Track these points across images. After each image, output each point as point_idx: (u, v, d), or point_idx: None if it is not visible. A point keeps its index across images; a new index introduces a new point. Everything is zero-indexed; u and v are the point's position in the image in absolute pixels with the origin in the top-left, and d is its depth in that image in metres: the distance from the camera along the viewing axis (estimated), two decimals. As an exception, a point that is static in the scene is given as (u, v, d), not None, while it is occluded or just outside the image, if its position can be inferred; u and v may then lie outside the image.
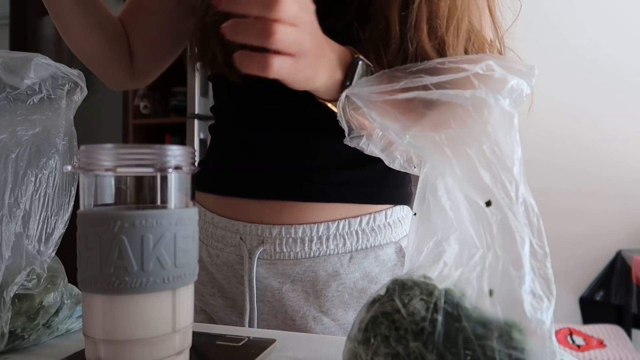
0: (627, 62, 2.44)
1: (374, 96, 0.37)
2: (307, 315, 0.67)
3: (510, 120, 0.35)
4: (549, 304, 0.31)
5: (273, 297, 0.67)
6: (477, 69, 0.35)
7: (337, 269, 0.67)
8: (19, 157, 0.48)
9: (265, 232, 0.67)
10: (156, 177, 0.37)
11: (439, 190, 0.36)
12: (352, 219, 0.67)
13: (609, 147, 2.45)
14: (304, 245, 0.66)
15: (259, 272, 0.67)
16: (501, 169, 0.33)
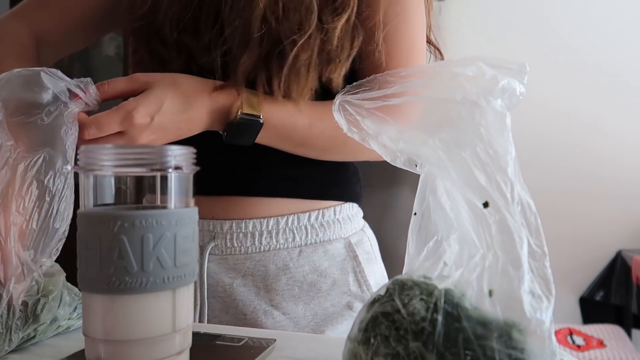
0: (627, 63, 2.44)
1: (367, 103, 0.37)
2: (258, 309, 0.68)
3: (502, 120, 0.35)
4: (548, 304, 0.31)
5: (224, 293, 0.68)
6: (467, 72, 0.35)
7: (287, 263, 0.68)
8: (28, 167, 0.49)
9: (216, 228, 0.68)
10: (156, 177, 0.37)
11: (438, 190, 0.37)
12: (301, 214, 0.69)
13: (609, 147, 2.45)
14: (254, 240, 0.68)
15: (210, 267, 0.68)
16: (496, 170, 0.34)
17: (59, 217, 0.50)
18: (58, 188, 0.50)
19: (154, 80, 0.57)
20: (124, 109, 0.54)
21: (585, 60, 2.45)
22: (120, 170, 0.36)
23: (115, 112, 0.53)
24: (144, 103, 0.54)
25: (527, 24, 2.43)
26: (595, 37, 2.45)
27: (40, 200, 0.48)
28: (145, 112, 0.54)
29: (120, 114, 0.53)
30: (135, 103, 0.54)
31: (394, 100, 0.36)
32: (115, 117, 0.53)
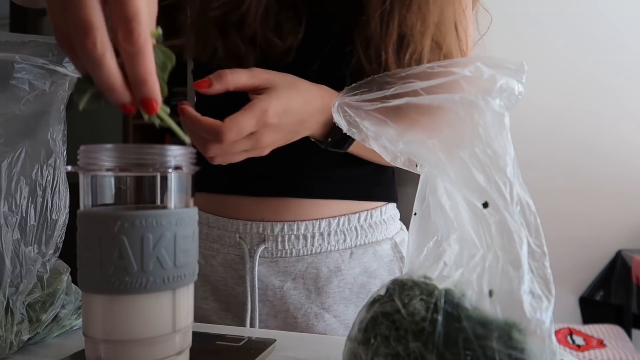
0: (626, 61, 2.44)
1: (366, 105, 0.37)
2: (309, 312, 0.67)
3: (501, 120, 0.35)
4: (548, 304, 0.31)
5: (274, 296, 0.67)
6: (465, 72, 0.35)
7: (339, 265, 0.67)
8: (13, 162, 0.47)
9: (266, 230, 0.66)
10: (156, 177, 0.37)
11: (439, 190, 0.37)
12: (351, 215, 0.68)
13: (609, 147, 2.45)
14: (307, 242, 0.66)
15: (260, 270, 0.67)
16: (494, 170, 0.34)
17: (55, 208, 0.50)
18: (48, 180, 0.49)
19: (276, 79, 0.54)
20: (259, 109, 0.51)
21: (584, 59, 2.45)
22: (120, 170, 0.36)
23: (250, 112, 0.50)
24: (275, 103, 0.52)
25: (526, 23, 2.43)
26: (594, 36, 2.45)
27: (33, 195, 0.48)
28: (275, 112, 0.52)
29: (256, 114, 0.51)
30: (267, 103, 0.51)
31: (393, 102, 0.36)
32: (252, 117, 0.50)
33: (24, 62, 0.48)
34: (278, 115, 0.52)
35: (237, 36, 0.61)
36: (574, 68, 2.45)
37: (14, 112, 0.48)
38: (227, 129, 0.49)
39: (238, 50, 0.62)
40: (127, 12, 0.34)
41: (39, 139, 0.49)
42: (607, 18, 2.45)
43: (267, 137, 0.53)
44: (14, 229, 0.46)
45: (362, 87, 0.38)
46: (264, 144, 0.53)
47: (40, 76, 0.49)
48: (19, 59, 0.47)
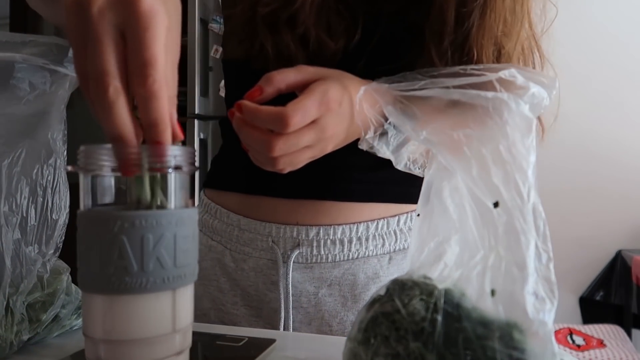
0: (626, 62, 2.44)
1: (394, 91, 0.37)
2: (345, 320, 0.64)
3: (529, 125, 0.35)
4: (551, 306, 0.31)
5: (308, 303, 0.64)
6: (499, 74, 0.35)
7: (377, 271, 0.64)
8: (13, 162, 0.47)
9: (301, 234, 0.63)
10: (156, 176, 0.37)
11: (444, 192, 0.36)
12: (390, 218, 0.65)
13: (609, 148, 2.45)
14: (343, 247, 0.63)
15: (294, 276, 0.64)
16: (516, 168, 0.33)
17: (55, 208, 0.49)
18: (48, 180, 0.49)
19: (324, 71, 0.51)
20: (320, 92, 0.47)
21: (583, 60, 2.45)
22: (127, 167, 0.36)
23: (312, 95, 0.47)
24: (334, 86, 0.48)
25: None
26: (594, 36, 2.45)
27: (33, 194, 0.47)
28: (335, 96, 0.48)
29: (318, 97, 0.47)
30: (327, 86, 0.48)
31: (422, 92, 0.36)
32: (315, 100, 0.46)
33: (25, 62, 0.47)
34: (338, 101, 0.48)
35: (288, 34, 0.58)
36: (573, 70, 2.45)
37: (14, 112, 0.48)
38: (292, 112, 0.45)
39: (288, 50, 0.58)
40: (143, 58, 0.33)
41: (39, 139, 0.49)
42: (606, 20, 2.45)
43: (330, 125, 0.48)
44: (15, 229, 0.46)
45: (393, 80, 0.38)
46: (327, 134, 0.48)
47: (40, 76, 0.49)
48: (20, 58, 0.47)
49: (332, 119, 0.48)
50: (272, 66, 0.58)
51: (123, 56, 0.34)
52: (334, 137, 0.50)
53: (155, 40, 0.34)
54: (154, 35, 0.34)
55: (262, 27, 0.59)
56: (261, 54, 0.60)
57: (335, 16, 0.59)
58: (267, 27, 0.58)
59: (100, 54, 0.33)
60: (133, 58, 0.34)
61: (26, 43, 0.49)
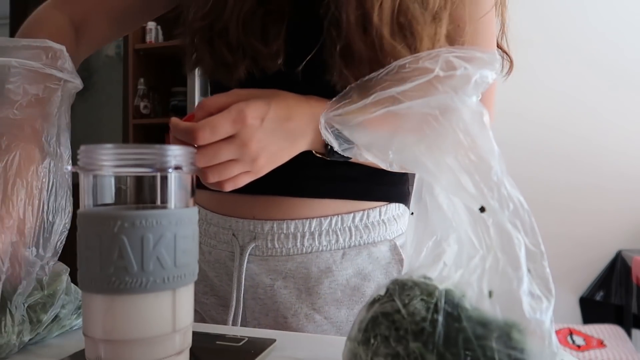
0: (627, 58, 2.44)
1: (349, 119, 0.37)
2: (299, 312, 0.66)
3: (480, 119, 0.34)
4: (548, 304, 0.31)
5: (265, 294, 0.67)
6: (437, 71, 0.34)
7: (330, 266, 0.66)
8: (7, 166, 0.47)
9: (257, 228, 0.66)
10: (156, 177, 0.37)
11: (435, 190, 0.36)
12: (345, 215, 0.67)
13: (609, 148, 2.45)
14: (296, 241, 0.66)
15: (251, 268, 0.67)
16: (480, 177, 0.33)
17: (51, 210, 0.49)
18: (43, 182, 0.49)
19: (256, 93, 0.55)
20: (235, 109, 0.51)
21: (585, 56, 2.45)
22: (120, 170, 0.36)
23: (226, 113, 0.51)
24: (253, 104, 0.52)
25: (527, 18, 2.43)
26: (596, 31, 2.45)
27: (29, 196, 0.48)
28: (256, 113, 0.51)
29: (232, 114, 0.50)
30: (244, 104, 0.51)
31: (374, 113, 0.36)
32: (228, 117, 0.50)
33: (20, 67, 0.48)
34: (258, 117, 0.52)
35: (223, 45, 0.61)
36: (573, 70, 2.45)
37: (8, 115, 0.48)
38: (200, 126, 0.49)
39: (225, 60, 0.61)
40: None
41: (34, 142, 0.49)
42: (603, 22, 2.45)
43: (253, 141, 0.51)
44: (12, 231, 0.46)
45: (344, 99, 0.38)
46: (250, 148, 0.51)
47: (33, 80, 0.49)
48: (15, 63, 0.48)
49: (253, 134, 0.51)
50: (216, 76, 0.63)
51: None
52: (263, 152, 0.53)
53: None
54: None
55: (199, 41, 0.63)
56: (205, 66, 0.64)
57: (263, 22, 0.61)
58: (205, 40, 0.62)
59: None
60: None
61: (19, 47, 0.50)
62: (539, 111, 2.42)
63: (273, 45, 0.61)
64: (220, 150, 0.51)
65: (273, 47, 0.60)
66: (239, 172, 0.53)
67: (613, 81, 2.44)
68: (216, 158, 0.51)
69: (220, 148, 0.51)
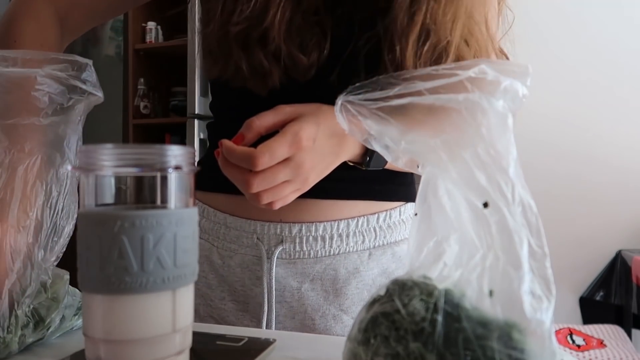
0: (623, 65, 2.44)
1: (369, 103, 0.37)
2: (327, 314, 0.66)
3: (504, 121, 0.35)
4: (548, 304, 0.31)
5: (292, 298, 0.67)
6: (469, 73, 0.35)
7: (357, 266, 0.67)
8: (29, 167, 0.48)
9: (284, 231, 0.66)
10: (156, 177, 0.37)
11: (439, 191, 0.36)
12: (370, 215, 0.68)
13: (608, 150, 2.45)
14: (325, 243, 0.66)
15: (277, 272, 0.66)
16: (497, 170, 0.33)
17: (64, 215, 0.50)
18: (62, 186, 0.50)
19: (301, 109, 0.55)
20: (291, 132, 0.51)
21: (581, 64, 2.45)
22: (120, 170, 0.36)
23: (282, 136, 0.51)
24: (307, 126, 0.52)
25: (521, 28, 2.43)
26: (592, 37, 2.45)
27: (48, 199, 0.48)
28: (309, 135, 0.52)
29: (288, 138, 0.51)
30: (299, 126, 0.52)
31: (396, 101, 0.36)
32: (284, 142, 0.51)
33: (47, 77, 0.50)
34: (311, 138, 0.52)
35: (261, 52, 0.60)
36: (573, 71, 2.45)
37: (34, 122, 0.50)
38: (259, 153, 0.49)
39: (262, 67, 0.60)
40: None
41: (56, 147, 0.51)
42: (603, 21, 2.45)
43: (307, 162, 0.53)
44: (29, 232, 0.47)
45: (366, 87, 0.38)
46: (304, 169, 0.53)
47: (59, 90, 0.51)
48: (42, 73, 0.49)
49: (307, 155, 0.53)
50: (248, 83, 0.62)
51: None
52: (314, 170, 0.55)
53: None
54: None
55: (234, 46, 0.61)
56: (237, 72, 0.62)
57: (305, 31, 0.60)
58: (240, 46, 0.60)
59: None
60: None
61: (47, 60, 0.52)
62: (539, 111, 2.41)
63: (311, 55, 0.60)
64: (278, 174, 0.52)
65: (312, 58, 0.60)
66: (291, 191, 0.55)
67: (612, 81, 2.44)
68: (273, 182, 0.52)
69: (278, 172, 0.52)
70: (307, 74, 0.61)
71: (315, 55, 0.60)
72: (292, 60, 0.60)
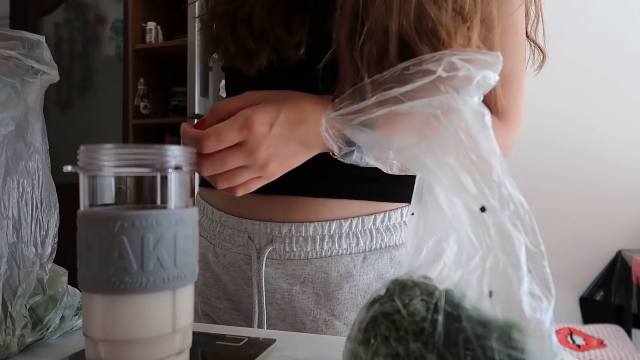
0: (624, 65, 2.44)
1: (351, 118, 0.37)
2: (318, 318, 0.64)
3: (481, 120, 0.34)
4: (548, 304, 0.31)
5: (282, 299, 0.65)
6: (440, 72, 0.34)
7: (350, 270, 0.64)
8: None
9: (274, 231, 0.64)
10: (156, 177, 0.37)
11: (435, 190, 0.36)
12: (366, 217, 0.64)
13: (608, 150, 2.45)
14: (315, 245, 0.63)
15: (268, 272, 0.64)
16: (481, 176, 0.33)
17: (45, 208, 0.49)
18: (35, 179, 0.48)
19: (270, 96, 0.54)
20: (242, 116, 0.50)
21: (583, 63, 2.45)
22: (120, 170, 0.36)
23: (232, 121, 0.50)
24: (261, 110, 0.51)
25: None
26: (593, 40, 2.45)
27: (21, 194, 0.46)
28: (264, 119, 0.50)
29: (238, 122, 0.50)
30: (252, 110, 0.50)
31: (376, 112, 0.36)
32: (234, 126, 0.49)
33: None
34: (266, 123, 0.50)
35: (247, 31, 0.59)
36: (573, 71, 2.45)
37: None
38: (205, 135, 0.48)
39: (248, 46, 0.59)
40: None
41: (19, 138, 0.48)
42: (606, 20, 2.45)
43: (261, 148, 0.51)
44: (9, 231, 0.45)
45: (345, 101, 0.38)
46: (259, 155, 0.51)
47: (9, 71, 0.47)
48: None
49: (261, 140, 0.50)
50: (235, 62, 0.61)
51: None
52: (274, 158, 0.52)
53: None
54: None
55: (222, 26, 0.61)
56: (225, 52, 0.62)
57: (288, 9, 0.60)
58: (228, 25, 0.60)
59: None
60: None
61: None
62: (540, 109, 2.41)
63: (296, 34, 0.59)
64: (227, 158, 0.50)
65: (296, 37, 0.59)
66: (249, 178, 0.53)
67: (614, 80, 2.44)
68: (224, 166, 0.50)
69: (227, 156, 0.50)
70: (295, 54, 0.59)
71: (299, 34, 0.59)
72: (277, 39, 0.59)
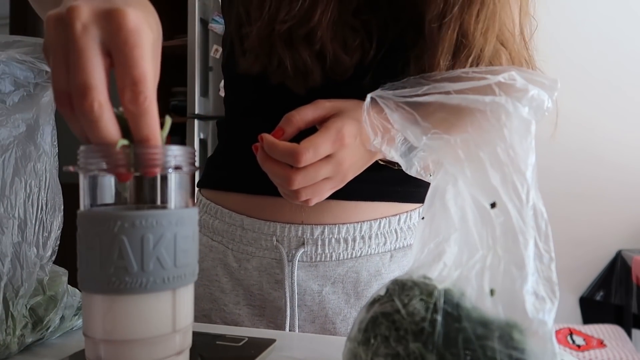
0: (625, 65, 2.44)
1: (397, 98, 0.38)
2: (349, 317, 0.65)
3: (527, 127, 0.35)
4: (551, 306, 0.31)
5: (312, 301, 0.65)
6: (499, 78, 0.35)
7: (379, 268, 0.66)
8: (5, 164, 0.46)
9: (306, 233, 0.65)
10: (156, 177, 0.37)
11: (447, 195, 0.37)
12: (392, 217, 0.67)
13: (609, 150, 2.45)
14: (347, 246, 0.65)
15: (298, 275, 0.65)
16: (514, 170, 0.34)
17: (49, 210, 0.49)
18: (41, 180, 0.49)
19: (340, 105, 0.54)
20: (334, 129, 0.50)
21: (583, 63, 2.45)
22: (120, 170, 0.36)
23: (326, 133, 0.50)
24: (348, 122, 0.52)
25: (527, 24, 2.43)
26: (593, 40, 2.45)
27: (28, 195, 0.47)
28: (351, 132, 0.51)
29: (332, 134, 0.50)
30: (341, 123, 0.51)
31: (424, 98, 0.37)
32: (328, 138, 0.50)
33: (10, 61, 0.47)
34: (353, 135, 0.52)
35: (306, 51, 0.60)
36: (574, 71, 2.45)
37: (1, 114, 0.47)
38: (303, 149, 0.48)
39: (305, 66, 0.60)
40: (133, 76, 0.34)
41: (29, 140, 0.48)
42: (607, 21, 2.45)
43: (347, 158, 0.52)
44: (14, 231, 0.46)
45: (397, 85, 0.39)
46: (344, 166, 0.52)
47: (24, 76, 0.48)
48: (4, 57, 0.47)
49: (347, 152, 0.52)
50: (289, 81, 0.61)
51: (107, 71, 0.35)
52: (353, 167, 0.54)
53: (144, 57, 0.34)
54: (142, 53, 0.34)
55: (279, 44, 0.60)
56: (279, 69, 0.61)
57: (350, 32, 0.60)
58: (285, 44, 0.60)
59: (84, 69, 0.33)
60: (122, 75, 0.34)
61: (11, 43, 0.49)
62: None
63: (355, 56, 0.60)
64: (320, 171, 0.51)
65: (355, 58, 0.60)
66: (329, 188, 0.54)
67: (615, 80, 2.44)
68: (315, 178, 0.51)
69: (320, 168, 0.51)
70: (345, 75, 0.61)
71: (357, 56, 0.60)
72: (335, 60, 0.60)
